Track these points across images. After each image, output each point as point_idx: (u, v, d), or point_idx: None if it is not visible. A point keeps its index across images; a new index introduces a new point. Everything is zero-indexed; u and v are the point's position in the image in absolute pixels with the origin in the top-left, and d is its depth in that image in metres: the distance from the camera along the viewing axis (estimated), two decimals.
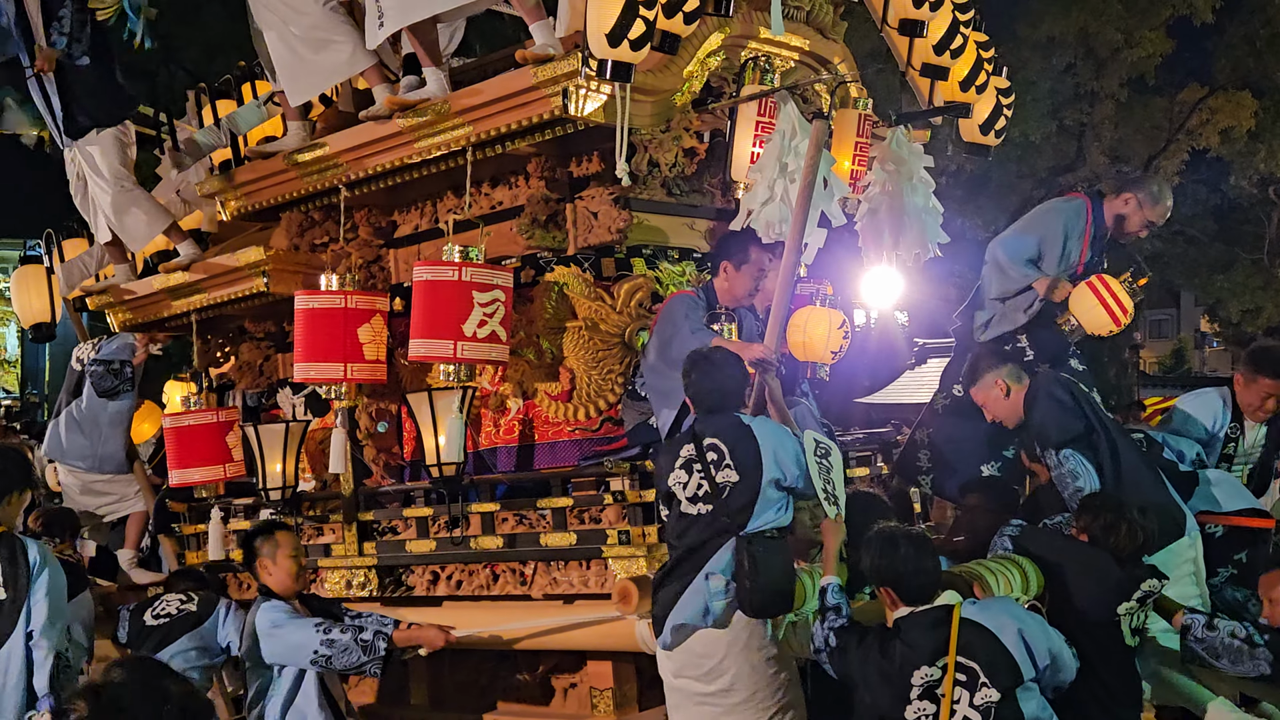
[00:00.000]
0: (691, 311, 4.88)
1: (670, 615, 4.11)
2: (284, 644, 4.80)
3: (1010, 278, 5.44)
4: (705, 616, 4.07)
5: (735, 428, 4.18)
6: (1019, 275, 5.41)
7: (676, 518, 4.18)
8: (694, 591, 4.07)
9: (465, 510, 5.30)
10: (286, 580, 4.93)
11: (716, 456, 4.11)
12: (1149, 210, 5.48)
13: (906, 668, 3.65)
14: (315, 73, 5.60)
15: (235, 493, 6.39)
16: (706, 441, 4.13)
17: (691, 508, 4.12)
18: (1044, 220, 5.58)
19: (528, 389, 5.40)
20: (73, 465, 6.89)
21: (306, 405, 6.29)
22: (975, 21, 5.91)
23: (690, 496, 4.13)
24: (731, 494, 4.08)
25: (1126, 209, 5.49)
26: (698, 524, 4.11)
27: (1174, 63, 21.49)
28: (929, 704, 3.61)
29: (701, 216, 5.62)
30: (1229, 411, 5.29)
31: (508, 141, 5.15)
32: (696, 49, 5.17)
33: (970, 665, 3.61)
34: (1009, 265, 5.42)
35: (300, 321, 5.44)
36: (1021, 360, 5.37)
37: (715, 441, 4.13)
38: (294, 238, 6.07)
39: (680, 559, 4.16)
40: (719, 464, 4.10)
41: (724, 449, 4.12)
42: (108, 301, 6.93)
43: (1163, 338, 36.49)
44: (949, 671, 3.60)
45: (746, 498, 4.08)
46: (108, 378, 6.80)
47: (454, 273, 4.92)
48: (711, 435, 4.15)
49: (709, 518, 4.09)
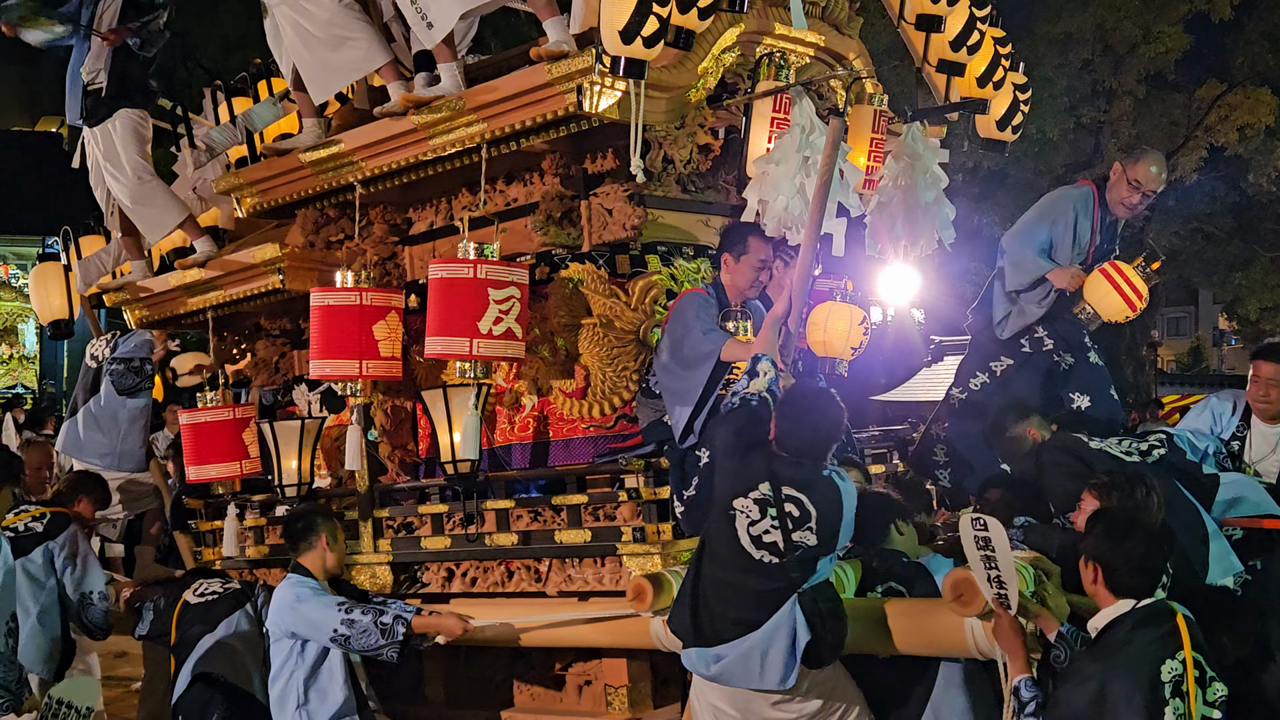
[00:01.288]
0: (703, 311, 4.85)
1: (725, 668, 3.99)
2: (305, 619, 4.87)
3: (1026, 269, 5.43)
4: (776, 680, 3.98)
5: (826, 490, 4.01)
6: (1034, 266, 5.40)
7: (733, 544, 4.01)
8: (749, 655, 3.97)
9: (480, 507, 5.31)
10: (334, 563, 5.12)
11: (798, 514, 3.96)
12: (1130, 169, 5.47)
13: (1150, 666, 3.39)
14: (333, 70, 5.61)
15: (251, 489, 6.41)
16: (787, 492, 3.96)
17: (754, 549, 3.98)
18: (1053, 209, 5.57)
19: (542, 386, 5.40)
20: (90, 462, 6.92)
21: (322, 402, 6.31)
22: (992, 17, 5.88)
23: (755, 537, 3.98)
24: (804, 554, 3.98)
25: (1114, 178, 5.51)
26: (759, 570, 3.99)
27: (1192, 59, 21.40)
28: (1180, 702, 3.35)
29: (716, 213, 5.61)
30: (1237, 415, 5.25)
31: (522, 138, 5.15)
32: (711, 45, 5.16)
33: (1199, 659, 3.42)
34: (1024, 257, 5.41)
35: (315, 318, 5.45)
36: (1042, 349, 5.35)
37: (800, 497, 3.97)
38: (309, 235, 6.08)
39: (723, 586, 4.05)
40: (799, 523, 3.96)
41: (809, 510, 3.97)
42: (124, 298, 6.96)
43: (1180, 335, 36.35)
44: (1188, 666, 3.38)
45: (818, 563, 4.01)
46: (128, 376, 6.83)
47: (469, 270, 4.92)
48: (795, 488, 3.98)
49: (773, 569, 3.97)
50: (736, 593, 4.03)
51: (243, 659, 5.33)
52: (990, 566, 3.82)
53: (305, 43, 5.58)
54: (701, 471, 4.76)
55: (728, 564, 4.05)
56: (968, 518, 3.88)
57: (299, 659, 4.93)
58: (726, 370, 4.73)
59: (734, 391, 4.23)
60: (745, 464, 4.05)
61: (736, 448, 4.12)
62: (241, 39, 16.57)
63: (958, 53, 5.74)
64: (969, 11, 5.69)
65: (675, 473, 4.85)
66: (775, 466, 4.02)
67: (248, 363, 6.83)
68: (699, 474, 4.77)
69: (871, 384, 14.04)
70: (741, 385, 4.24)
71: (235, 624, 5.40)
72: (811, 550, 3.99)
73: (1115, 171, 5.54)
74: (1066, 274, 5.36)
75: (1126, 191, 5.49)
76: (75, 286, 7.33)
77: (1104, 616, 3.61)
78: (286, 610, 4.93)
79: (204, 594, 5.52)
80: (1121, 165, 5.53)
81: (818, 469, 4.07)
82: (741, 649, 3.99)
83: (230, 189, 6.33)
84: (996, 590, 3.84)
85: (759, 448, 4.09)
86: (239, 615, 5.44)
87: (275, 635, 5.01)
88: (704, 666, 4.07)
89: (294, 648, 4.94)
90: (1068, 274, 5.37)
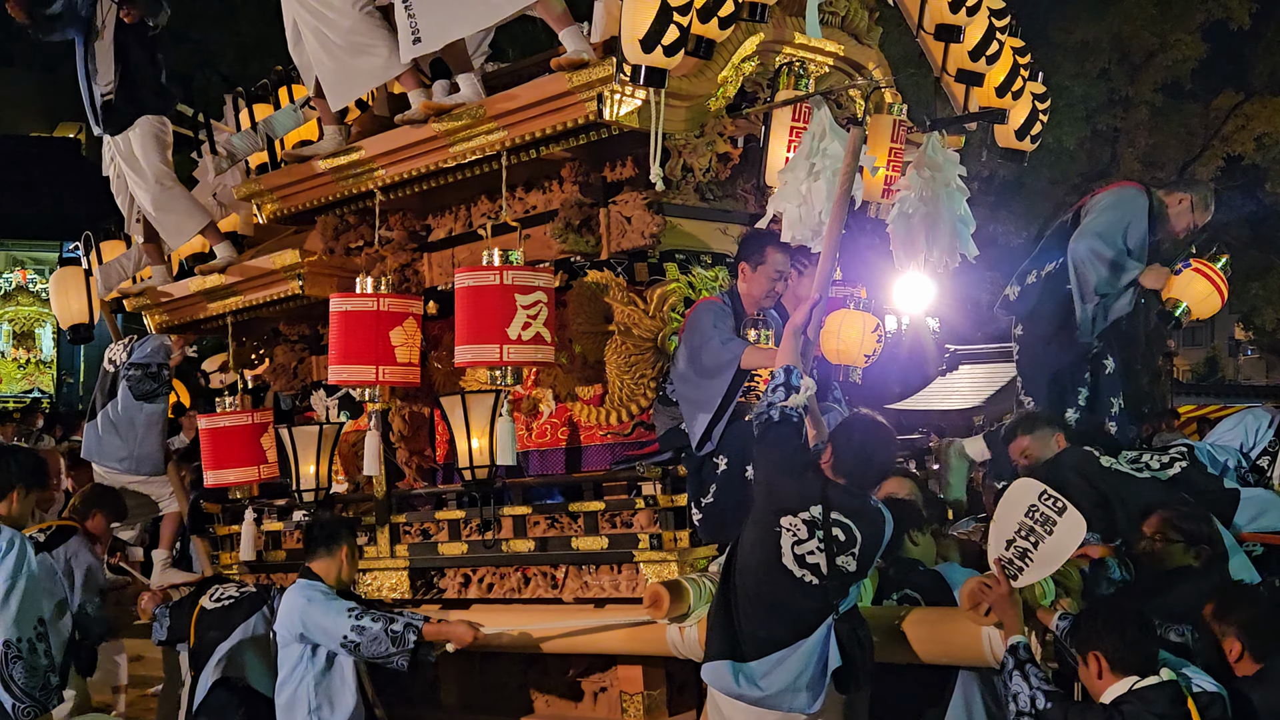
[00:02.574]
0: (720, 320, 4.85)
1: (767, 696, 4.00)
2: (315, 623, 4.86)
3: (1127, 270, 5.40)
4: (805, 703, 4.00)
5: (873, 518, 4.05)
6: (1128, 267, 5.39)
7: (773, 560, 4.01)
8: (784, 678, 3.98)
9: (497, 513, 5.32)
10: (347, 575, 5.10)
11: (844, 539, 3.98)
12: (1199, 214, 5.58)
13: None
14: (353, 77, 5.63)
15: (269, 494, 6.43)
16: (836, 516, 3.99)
17: (796, 568, 3.99)
18: (1126, 211, 5.52)
19: (560, 393, 5.41)
20: (109, 467, 6.94)
21: (340, 407, 6.33)
22: (1012, 27, 5.88)
23: (799, 556, 3.99)
24: (844, 580, 4.01)
25: (1179, 208, 5.58)
26: (799, 589, 3.99)
27: (1209, 68, 21.33)
28: None
29: (735, 222, 5.61)
30: (1272, 429, 5.23)
31: (542, 146, 5.17)
32: (731, 54, 5.17)
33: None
34: (1115, 259, 5.37)
35: (334, 324, 5.47)
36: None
37: (848, 523, 3.99)
38: (329, 241, 6.11)
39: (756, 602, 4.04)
40: (844, 548, 3.98)
41: (855, 536, 4.00)
42: (145, 303, 7.00)
43: (1197, 345, 36.18)
44: None
45: (854, 586, 4.05)
46: (145, 381, 6.85)
47: (495, 277, 4.93)
48: (845, 515, 4.00)
49: (813, 590, 3.98)
50: (770, 610, 4.03)
51: (261, 663, 5.34)
52: (1026, 537, 3.86)
53: (326, 49, 5.60)
54: (719, 479, 4.77)
55: (764, 579, 4.04)
56: (1038, 486, 3.90)
57: (309, 664, 4.91)
58: (746, 378, 4.73)
59: (769, 404, 4.18)
60: (799, 483, 4.06)
61: (790, 466, 4.11)
62: (259, 46, 16.65)
63: (977, 62, 5.74)
64: (988, 21, 5.70)
65: (693, 480, 4.86)
66: (829, 491, 4.04)
67: (266, 368, 6.86)
68: (717, 481, 4.78)
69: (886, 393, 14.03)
70: (779, 398, 4.18)
71: (253, 628, 5.39)
72: (850, 575, 4.02)
73: (1183, 203, 5.60)
74: (1154, 274, 5.40)
75: (1184, 227, 5.64)
76: (96, 291, 7.37)
77: (1110, 694, 3.63)
78: (296, 614, 4.91)
79: (220, 599, 5.53)
80: (1190, 203, 5.60)
81: (866, 497, 4.11)
82: (783, 674, 3.98)
83: (250, 195, 6.37)
84: (1012, 554, 3.88)
85: (813, 469, 4.11)
86: (256, 619, 5.43)
87: (284, 640, 4.98)
88: (746, 687, 4.02)
89: (304, 652, 4.92)
90: (1155, 274, 5.41)
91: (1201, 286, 5.37)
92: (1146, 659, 3.62)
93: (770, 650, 3.99)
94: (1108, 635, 3.64)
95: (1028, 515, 3.89)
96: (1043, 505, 3.88)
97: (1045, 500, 3.89)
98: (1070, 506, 3.85)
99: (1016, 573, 3.91)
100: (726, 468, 4.78)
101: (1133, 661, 3.61)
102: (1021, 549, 3.90)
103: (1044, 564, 3.89)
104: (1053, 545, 3.85)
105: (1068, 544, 3.86)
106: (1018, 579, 3.91)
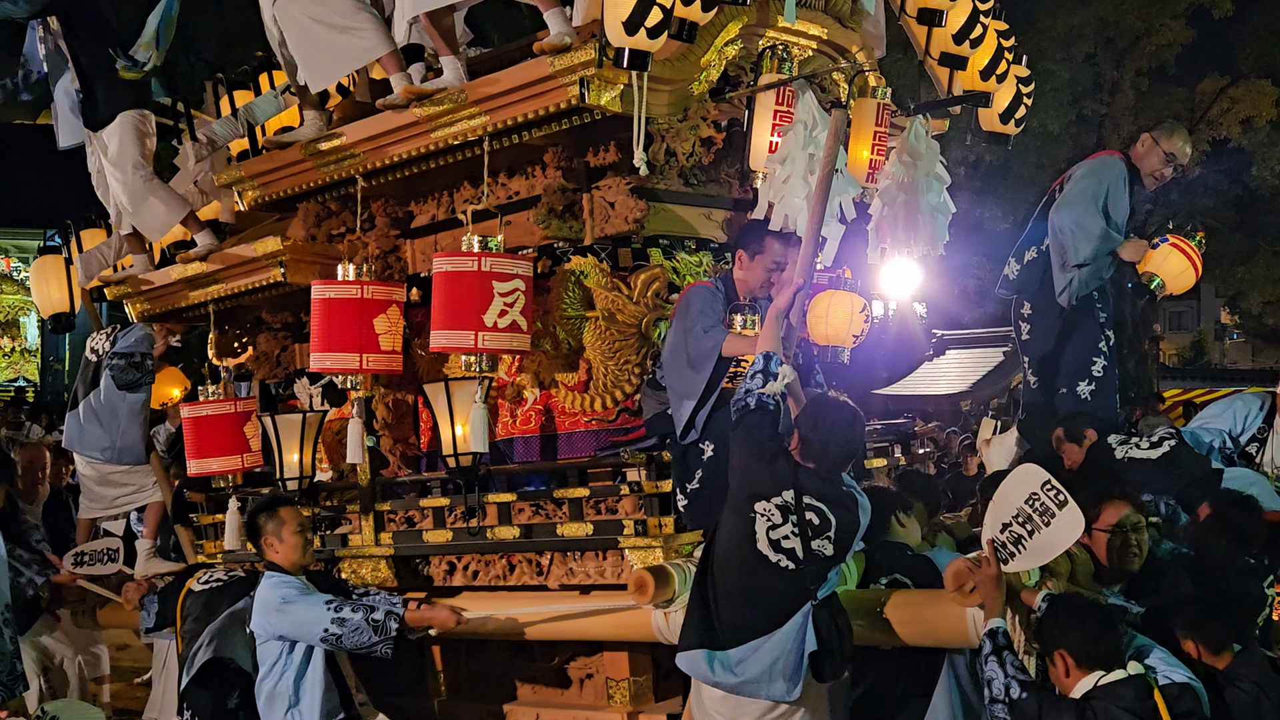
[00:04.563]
0: (708, 306, 4.82)
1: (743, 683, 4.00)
2: (294, 621, 4.81)
3: (1094, 242, 5.38)
4: (782, 691, 4.00)
5: (847, 503, 4.06)
6: (1106, 239, 5.37)
7: (749, 545, 4.01)
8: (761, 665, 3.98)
9: (482, 500, 5.30)
10: (294, 555, 4.95)
11: (819, 523, 3.99)
12: (1165, 142, 5.53)
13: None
14: (337, 58, 5.57)
15: (253, 483, 6.40)
16: (809, 501, 4.00)
17: (772, 552, 3.99)
18: (1103, 179, 5.50)
19: (544, 379, 5.39)
20: (91, 457, 6.91)
21: (324, 395, 6.31)
22: (996, 10, 5.86)
23: (774, 541, 3.99)
24: (822, 564, 4.00)
25: (1144, 149, 5.56)
26: (774, 573, 3.99)
27: (1194, 52, 21.41)
28: None
29: (719, 206, 5.60)
30: (1262, 413, 5.23)
31: (524, 131, 5.14)
32: (714, 37, 5.14)
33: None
34: (1095, 229, 5.34)
35: (317, 311, 5.44)
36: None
37: (821, 507, 4.00)
38: (311, 228, 6.08)
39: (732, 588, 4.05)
40: (818, 532, 3.99)
41: (831, 520, 4.00)
42: (126, 292, 6.95)
43: (1183, 330, 36.32)
44: None
45: (831, 571, 4.04)
46: (129, 370, 6.81)
47: (474, 263, 4.91)
48: (818, 499, 4.00)
49: (789, 575, 3.98)
50: (746, 596, 4.03)
51: (250, 645, 5.31)
52: (1023, 524, 3.81)
53: (306, 30, 5.54)
54: (705, 465, 4.75)
55: (740, 565, 4.04)
56: (1043, 475, 3.84)
57: (288, 659, 4.86)
58: (729, 365, 4.71)
59: (748, 390, 4.18)
60: (771, 469, 4.05)
61: (762, 452, 4.09)
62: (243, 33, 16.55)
63: (960, 46, 5.72)
64: (971, 5, 5.67)
65: (678, 466, 4.85)
66: (799, 476, 4.03)
67: (249, 356, 6.83)
68: (702, 467, 4.76)
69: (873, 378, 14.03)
70: (757, 385, 4.17)
71: (241, 610, 5.37)
72: (828, 560, 4.02)
73: (1145, 144, 5.58)
74: (1133, 246, 5.40)
75: (1159, 163, 5.55)
76: (76, 280, 7.32)
77: (1079, 690, 3.61)
78: (273, 613, 4.84)
79: (208, 581, 5.50)
80: (1153, 138, 5.57)
81: (838, 481, 4.10)
82: (758, 661, 3.98)
83: (232, 182, 6.33)
84: (1006, 538, 3.85)
85: (785, 454, 4.10)
86: (245, 602, 5.41)
87: (262, 638, 4.92)
88: (721, 674, 4.02)
89: (283, 649, 4.85)
90: (1134, 246, 5.40)
91: (1177, 261, 5.39)
92: (1110, 652, 3.61)
93: (747, 638, 3.98)
94: (1070, 632, 3.63)
95: (1028, 502, 3.82)
96: (1044, 495, 3.81)
97: (1047, 490, 3.81)
98: (1071, 500, 3.78)
99: (1008, 557, 3.88)
100: (712, 454, 4.76)
101: (1096, 656, 3.59)
102: (1016, 535, 3.84)
103: (1036, 554, 3.84)
104: (1048, 536, 3.79)
105: (1064, 538, 3.80)
106: (1008, 564, 3.88)
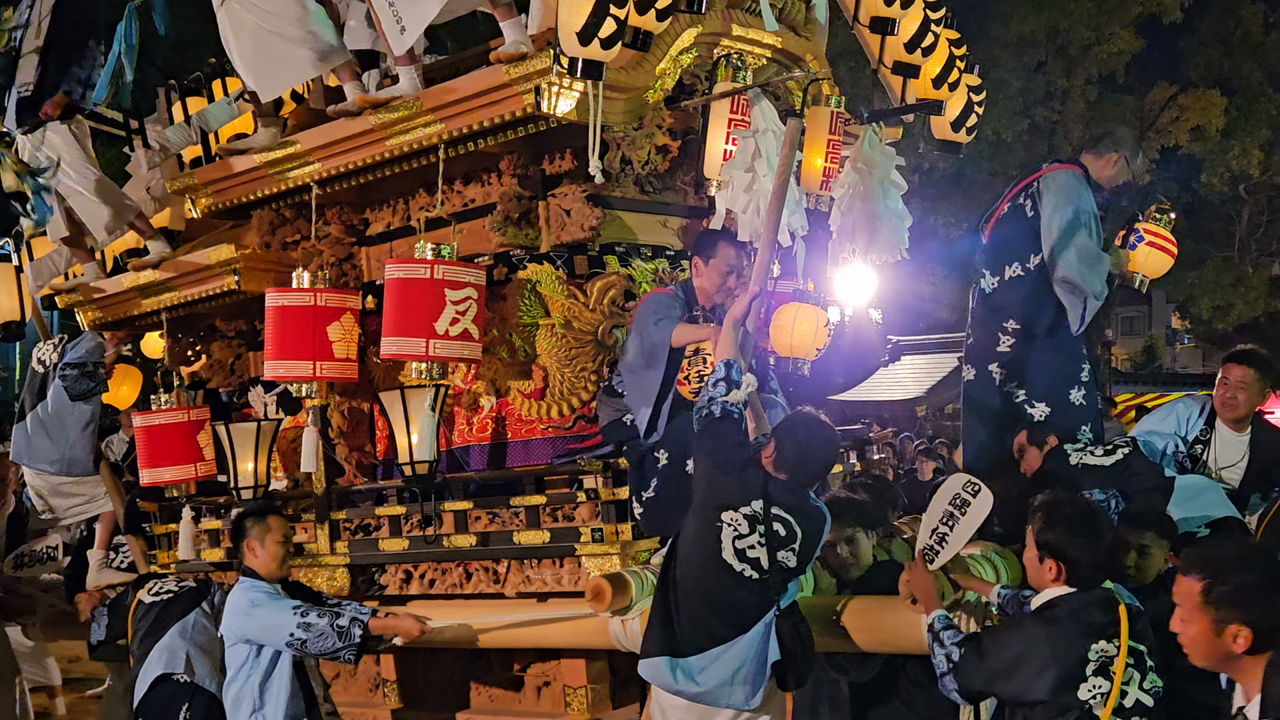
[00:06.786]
0: (666, 309, 4.82)
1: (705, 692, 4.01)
2: (260, 624, 4.80)
3: (1101, 268, 5.34)
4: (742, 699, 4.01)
5: (813, 515, 4.07)
6: (1107, 262, 5.36)
7: (713, 554, 4.00)
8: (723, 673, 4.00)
9: (438, 508, 5.29)
10: (271, 565, 4.92)
11: (784, 534, 3.99)
12: (1134, 164, 5.56)
13: (1083, 640, 3.56)
14: (289, 68, 5.54)
15: (207, 492, 6.35)
16: (777, 512, 3.99)
17: (736, 561, 3.99)
18: (1082, 204, 5.40)
19: (500, 387, 5.38)
20: (40, 469, 6.82)
21: (278, 404, 6.26)
22: (947, 19, 5.92)
23: (740, 550, 3.99)
24: (785, 575, 4.01)
25: (1114, 169, 5.49)
26: (738, 583, 3.99)
27: (1144, 61, 21.70)
28: (1103, 680, 3.53)
29: (674, 214, 5.62)
30: (1203, 418, 5.29)
31: (480, 139, 5.14)
32: (669, 46, 5.17)
33: (1139, 648, 3.58)
34: (1098, 258, 5.35)
35: (271, 319, 5.41)
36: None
37: (788, 519, 3.99)
38: (265, 235, 6.04)
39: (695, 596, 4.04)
40: (784, 543, 3.99)
41: (797, 532, 4.01)
42: (77, 300, 6.87)
43: (1134, 335, 36.71)
44: (1122, 651, 3.54)
45: (793, 581, 4.06)
46: (82, 380, 6.72)
47: (426, 271, 4.91)
48: (786, 510, 4.00)
49: (753, 584, 3.98)
50: (709, 604, 4.02)
51: (204, 658, 5.28)
52: (945, 523, 4.11)
53: (258, 38, 5.51)
54: (661, 473, 4.77)
55: (703, 573, 4.03)
56: (965, 477, 4.14)
57: (254, 663, 4.87)
58: (681, 356, 4.73)
59: (710, 398, 4.16)
60: (740, 478, 4.05)
61: (731, 462, 4.09)
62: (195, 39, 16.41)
63: (912, 54, 5.76)
64: (924, 14, 5.72)
65: (634, 473, 4.86)
66: (770, 486, 4.04)
67: (203, 364, 6.77)
68: (658, 475, 4.78)
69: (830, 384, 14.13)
70: (720, 393, 4.16)
71: (193, 623, 5.34)
72: (790, 571, 4.03)
73: (1115, 163, 5.47)
74: (1122, 259, 5.46)
75: (1120, 175, 5.57)
76: (27, 288, 7.23)
77: (1046, 594, 3.72)
78: (241, 615, 4.85)
79: (159, 593, 5.46)
80: (1125, 158, 5.48)
81: (806, 494, 4.12)
82: (720, 669, 3.98)
83: (184, 189, 6.28)
84: (933, 542, 4.13)
85: (754, 464, 4.10)
86: (196, 614, 5.37)
87: (230, 640, 4.93)
88: (683, 682, 4.02)
89: (250, 652, 4.87)
90: (1122, 258, 5.47)
91: (1158, 257, 5.48)
92: (1103, 577, 3.72)
93: (709, 646, 3.99)
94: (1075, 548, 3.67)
95: (951, 503, 4.13)
96: (963, 492, 4.13)
97: (967, 488, 4.13)
98: (984, 487, 4.08)
99: (934, 556, 4.14)
100: (668, 462, 4.78)
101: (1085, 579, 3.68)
102: (941, 534, 4.14)
103: (957, 541, 4.12)
104: (965, 522, 4.09)
105: (977, 516, 4.08)
106: (934, 561, 4.13)
